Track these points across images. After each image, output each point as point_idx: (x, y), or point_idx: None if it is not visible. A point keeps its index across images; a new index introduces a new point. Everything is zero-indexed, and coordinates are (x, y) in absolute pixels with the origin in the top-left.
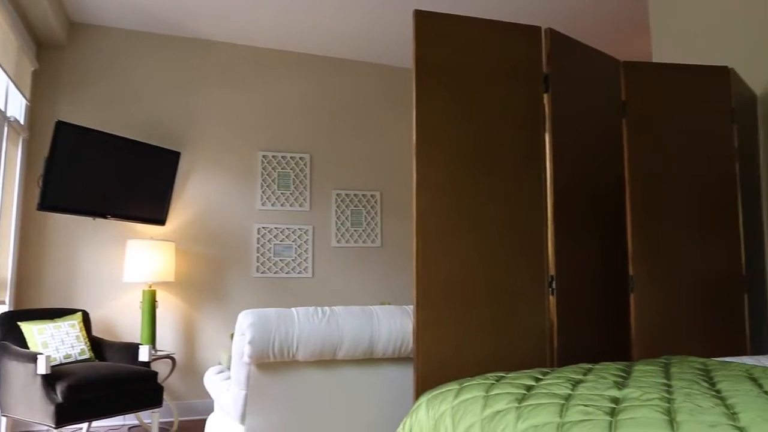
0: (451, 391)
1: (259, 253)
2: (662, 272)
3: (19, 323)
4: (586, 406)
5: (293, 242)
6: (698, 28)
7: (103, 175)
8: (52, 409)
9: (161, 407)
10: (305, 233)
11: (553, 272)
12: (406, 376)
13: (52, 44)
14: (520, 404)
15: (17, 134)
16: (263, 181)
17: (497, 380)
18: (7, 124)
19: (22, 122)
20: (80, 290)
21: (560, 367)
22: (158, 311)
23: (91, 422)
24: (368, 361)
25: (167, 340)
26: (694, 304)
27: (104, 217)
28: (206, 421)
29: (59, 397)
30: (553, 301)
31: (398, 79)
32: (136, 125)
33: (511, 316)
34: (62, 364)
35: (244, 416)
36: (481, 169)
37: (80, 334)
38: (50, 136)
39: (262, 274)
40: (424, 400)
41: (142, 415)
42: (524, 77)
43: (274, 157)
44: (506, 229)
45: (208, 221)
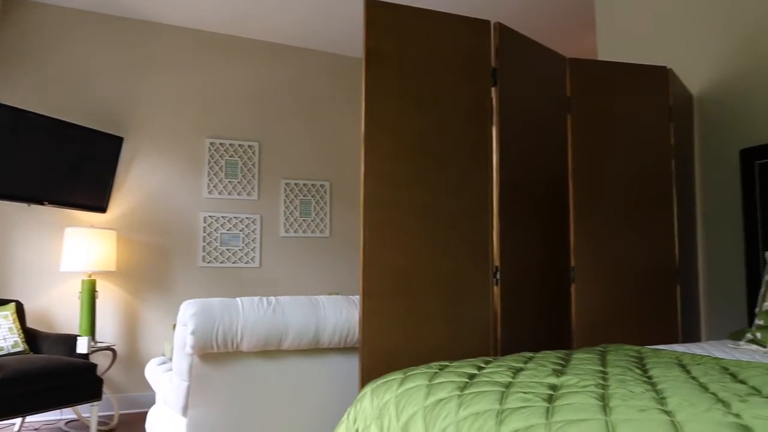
0: (395, 380)
1: (205, 242)
2: (602, 264)
3: None
4: (525, 393)
5: (240, 231)
6: (641, 28)
7: (40, 159)
8: None
9: (100, 400)
10: (253, 222)
11: (497, 263)
12: (351, 366)
13: None
14: (462, 392)
15: None
16: (210, 168)
17: (441, 369)
18: None
19: None
20: (14, 280)
21: (503, 356)
22: (98, 302)
23: (24, 417)
24: (314, 351)
25: (108, 331)
26: (631, 294)
27: (41, 203)
28: (147, 413)
29: None
30: (497, 291)
31: (349, 68)
32: (76, 108)
33: (456, 306)
34: None
35: (186, 408)
36: (429, 160)
37: (13, 325)
38: None
39: (208, 263)
40: (368, 389)
41: (80, 408)
42: (473, 70)
43: (221, 144)
44: (453, 220)
45: (152, 209)
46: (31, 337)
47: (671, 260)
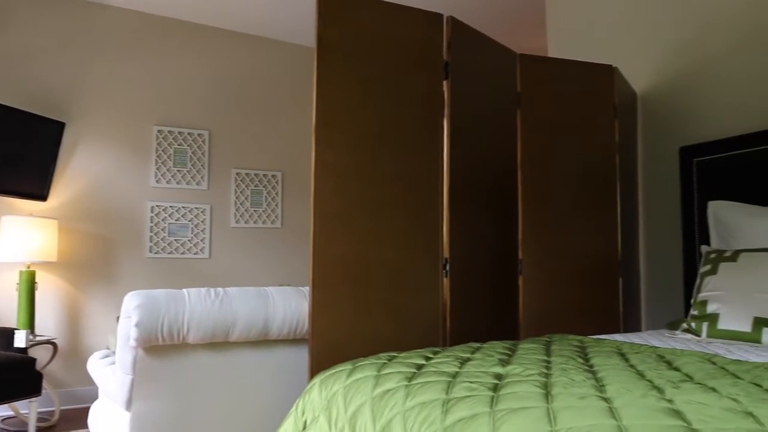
0: (343, 371)
1: (152, 232)
2: (549, 257)
3: None
4: (471, 382)
5: (189, 222)
6: (589, 28)
7: None
8: None
9: (40, 396)
10: (202, 213)
11: (447, 255)
12: (301, 357)
13: None
14: (409, 382)
15: None
16: (158, 157)
17: (389, 360)
18: None
19: None
20: None
21: (452, 346)
22: (38, 293)
23: None
24: (263, 342)
25: (48, 324)
26: (576, 286)
27: None
28: (90, 409)
29: None
30: (447, 283)
31: (303, 58)
32: (15, 92)
33: (406, 297)
34: None
35: (130, 402)
36: (380, 151)
37: None
38: None
39: (155, 254)
40: (317, 380)
41: (18, 404)
42: (425, 63)
43: (170, 132)
44: (403, 211)
45: (96, 198)
46: None
47: (614, 254)
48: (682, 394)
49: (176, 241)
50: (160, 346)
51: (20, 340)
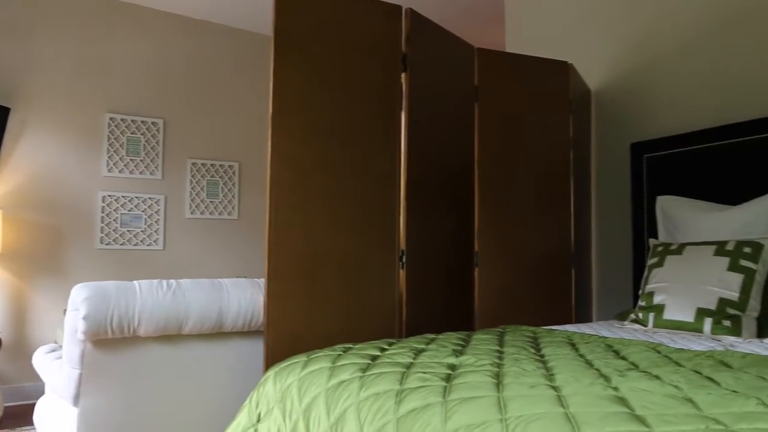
0: (298, 363)
1: (103, 223)
2: (504, 250)
3: None
4: (424, 373)
5: (143, 212)
6: (546, 25)
7: None
8: None
9: None
10: (156, 203)
11: (403, 247)
12: (256, 350)
13: None
14: (363, 374)
15: None
16: (110, 145)
17: (344, 351)
18: None
19: None
20: None
21: (407, 338)
22: None
23: None
24: (217, 335)
25: None
26: (530, 278)
27: None
28: (36, 405)
29: None
30: (403, 274)
31: (260, 46)
32: None
33: (361, 289)
34: None
35: (77, 398)
36: (337, 143)
37: None
38: None
39: (107, 245)
40: (271, 372)
41: None
42: (383, 55)
43: (123, 120)
44: (360, 203)
45: (43, 187)
46: None
47: (567, 246)
48: (627, 381)
49: (129, 231)
50: (109, 339)
51: None
